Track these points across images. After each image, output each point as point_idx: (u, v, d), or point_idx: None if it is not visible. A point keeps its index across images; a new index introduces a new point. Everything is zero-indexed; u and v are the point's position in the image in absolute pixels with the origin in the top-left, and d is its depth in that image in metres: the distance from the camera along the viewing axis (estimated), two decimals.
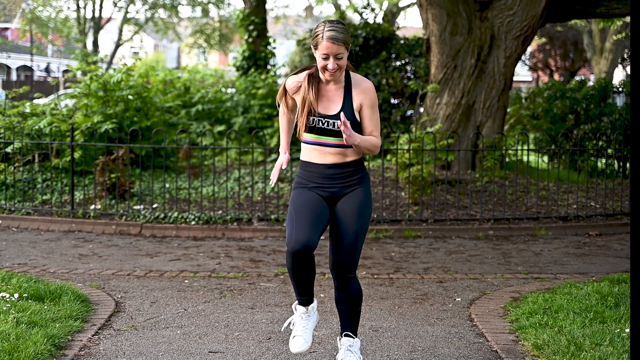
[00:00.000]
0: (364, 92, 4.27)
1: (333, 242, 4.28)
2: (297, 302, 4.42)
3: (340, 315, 4.37)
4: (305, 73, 4.32)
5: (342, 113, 4.17)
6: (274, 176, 4.42)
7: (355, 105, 4.26)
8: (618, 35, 29.97)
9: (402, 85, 13.57)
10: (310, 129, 4.24)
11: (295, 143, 7.55)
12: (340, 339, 4.39)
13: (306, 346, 4.31)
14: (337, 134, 4.21)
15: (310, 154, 4.30)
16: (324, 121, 4.21)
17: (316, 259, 7.60)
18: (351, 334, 4.34)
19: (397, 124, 13.30)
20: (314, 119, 4.22)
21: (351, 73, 4.32)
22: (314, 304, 4.42)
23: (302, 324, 4.36)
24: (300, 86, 4.28)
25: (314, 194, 4.27)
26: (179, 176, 10.82)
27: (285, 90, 4.36)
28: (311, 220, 4.17)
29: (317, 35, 4.17)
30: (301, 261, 4.15)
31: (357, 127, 4.25)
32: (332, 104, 4.25)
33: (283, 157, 4.46)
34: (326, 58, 4.15)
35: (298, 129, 4.31)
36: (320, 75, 4.26)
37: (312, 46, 4.22)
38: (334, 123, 4.21)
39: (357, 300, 4.32)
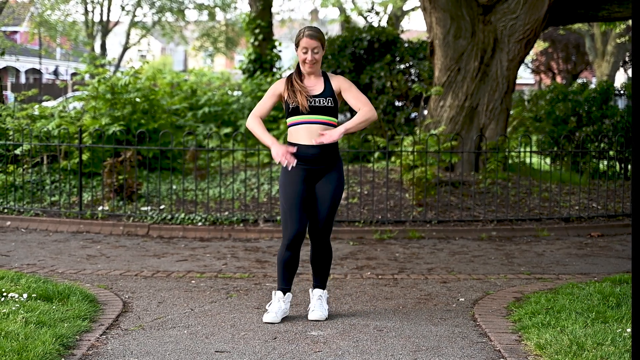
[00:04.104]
0: (338, 79, 5.32)
1: (312, 218, 5.30)
2: (277, 289, 5.41)
3: (315, 271, 5.46)
4: (284, 80, 5.33)
5: (318, 139, 5.14)
6: (290, 159, 5.16)
7: (335, 88, 5.28)
8: (620, 39, 29.98)
9: (406, 88, 13.63)
10: (298, 111, 5.20)
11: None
12: (312, 290, 5.48)
13: (276, 320, 5.30)
14: (324, 111, 5.22)
15: (298, 135, 5.25)
16: (311, 100, 5.21)
17: None
18: (322, 286, 5.48)
19: (401, 126, 13.37)
20: (306, 99, 5.20)
21: (328, 74, 5.36)
22: (290, 296, 5.45)
23: (278, 305, 5.36)
24: (285, 86, 5.29)
25: (299, 184, 5.25)
26: (185, 178, 10.90)
27: (276, 91, 5.34)
28: (300, 215, 5.25)
29: (298, 36, 5.26)
30: (293, 250, 5.29)
31: (336, 105, 5.28)
32: (316, 87, 5.28)
33: (283, 147, 5.21)
34: (305, 52, 5.21)
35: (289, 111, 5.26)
36: (301, 68, 5.29)
37: (294, 46, 5.27)
38: (319, 100, 5.22)
39: (329, 259, 5.44)
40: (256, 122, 5.32)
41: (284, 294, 5.41)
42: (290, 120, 5.28)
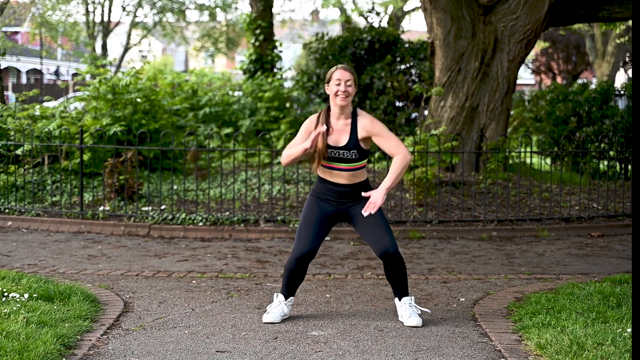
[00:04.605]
0: (366, 123, 5.22)
1: (372, 240, 5.24)
2: (281, 292, 5.46)
3: (394, 283, 5.37)
4: (315, 116, 5.32)
5: (364, 212, 5.12)
6: (319, 130, 5.16)
7: (360, 135, 5.21)
8: (620, 39, 30.01)
9: (407, 88, 13.65)
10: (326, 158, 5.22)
11: None
12: (400, 300, 5.40)
13: (276, 320, 5.36)
14: (346, 160, 5.20)
15: (325, 174, 5.31)
16: (335, 152, 5.19)
17: (322, 260, 7.69)
18: (406, 294, 5.40)
19: (402, 127, 13.39)
20: (329, 150, 5.20)
21: (357, 110, 5.30)
22: (292, 299, 5.49)
23: (279, 307, 5.42)
24: (314, 125, 5.26)
25: (324, 209, 5.29)
26: (186, 178, 10.92)
27: (309, 129, 5.30)
28: (316, 234, 5.27)
29: (331, 71, 5.27)
30: (301, 265, 5.31)
31: (363, 153, 5.23)
32: (341, 136, 5.22)
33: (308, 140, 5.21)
34: (338, 84, 5.17)
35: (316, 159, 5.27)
36: (332, 105, 5.25)
37: (325, 85, 5.28)
38: (342, 152, 5.18)
39: (404, 269, 5.34)
40: (286, 150, 5.31)
41: (286, 299, 5.45)
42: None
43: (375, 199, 5.12)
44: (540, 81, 42.55)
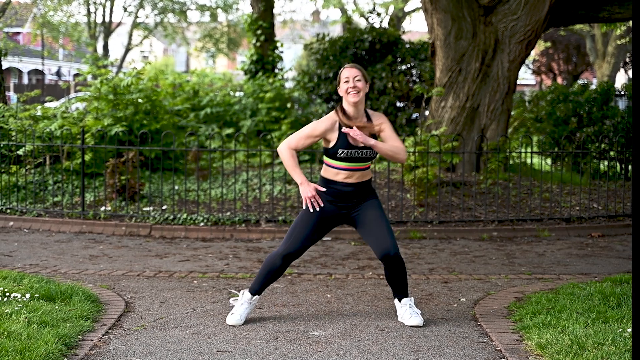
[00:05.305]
0: (382, 122, 5.30)
1: (373, 241, 5.26)
2: (249, 290, 5.42)
3: (395, 285, 5.41)
4: (333, 113, 5.27)
5: (347, 130, 5.11)
6: (316, 204, 5.24)
7: (376, 131, 5.29)
8: (620, 40, 30.04)
9: (408, 88, 13.66)
10: (345, 159, 5.20)
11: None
12: (400, 301, 5.42)
13: (240, 322, 5.31)
14: (366, 159, 5.23)
15: (337, 175, 5.26)
16: (359, 152, 5.20)
17: (323, 260, 7.70)
18: (407, 295, 5.44)
19: (403, 127, 13.40)
20: (351, 152, 5.19)
21: (368, 110, 5.35)
22: (257, 299, 5.46)
23: (244, 307, 5.39)
24: (332, 126, 5.22)
25: (325, 211, 5.25)
26: (187, 178, 10.93)
27: (318, 132, 5.25)
28: (307, 237, 5.27)
29: (339, 72, 5.29)
30: (286, 262, 5.30)
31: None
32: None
33: (311, 188, 5.27)
34: (347, 81, 5.20)
35: (329, 155, 5.25)
36: (346, 106, 5.25)
37: (338, 88, 5.31)
38: (366, 152, 5.20)
39: (405, 271, 5.39)
40: (289, 154, 5.27)
41: (253, 297, 5.42)
42: (330, 161, 5.26)
43: (363, 135, 5.10)
44: (541, 82, 42.58)
